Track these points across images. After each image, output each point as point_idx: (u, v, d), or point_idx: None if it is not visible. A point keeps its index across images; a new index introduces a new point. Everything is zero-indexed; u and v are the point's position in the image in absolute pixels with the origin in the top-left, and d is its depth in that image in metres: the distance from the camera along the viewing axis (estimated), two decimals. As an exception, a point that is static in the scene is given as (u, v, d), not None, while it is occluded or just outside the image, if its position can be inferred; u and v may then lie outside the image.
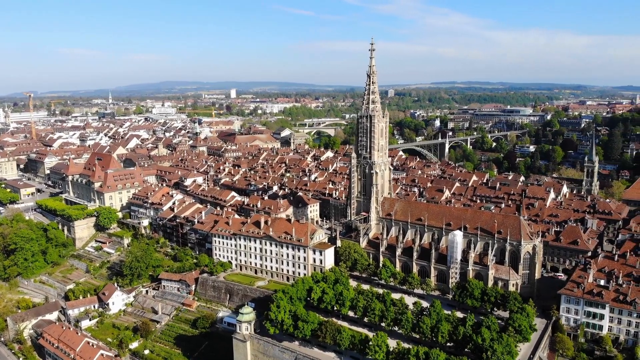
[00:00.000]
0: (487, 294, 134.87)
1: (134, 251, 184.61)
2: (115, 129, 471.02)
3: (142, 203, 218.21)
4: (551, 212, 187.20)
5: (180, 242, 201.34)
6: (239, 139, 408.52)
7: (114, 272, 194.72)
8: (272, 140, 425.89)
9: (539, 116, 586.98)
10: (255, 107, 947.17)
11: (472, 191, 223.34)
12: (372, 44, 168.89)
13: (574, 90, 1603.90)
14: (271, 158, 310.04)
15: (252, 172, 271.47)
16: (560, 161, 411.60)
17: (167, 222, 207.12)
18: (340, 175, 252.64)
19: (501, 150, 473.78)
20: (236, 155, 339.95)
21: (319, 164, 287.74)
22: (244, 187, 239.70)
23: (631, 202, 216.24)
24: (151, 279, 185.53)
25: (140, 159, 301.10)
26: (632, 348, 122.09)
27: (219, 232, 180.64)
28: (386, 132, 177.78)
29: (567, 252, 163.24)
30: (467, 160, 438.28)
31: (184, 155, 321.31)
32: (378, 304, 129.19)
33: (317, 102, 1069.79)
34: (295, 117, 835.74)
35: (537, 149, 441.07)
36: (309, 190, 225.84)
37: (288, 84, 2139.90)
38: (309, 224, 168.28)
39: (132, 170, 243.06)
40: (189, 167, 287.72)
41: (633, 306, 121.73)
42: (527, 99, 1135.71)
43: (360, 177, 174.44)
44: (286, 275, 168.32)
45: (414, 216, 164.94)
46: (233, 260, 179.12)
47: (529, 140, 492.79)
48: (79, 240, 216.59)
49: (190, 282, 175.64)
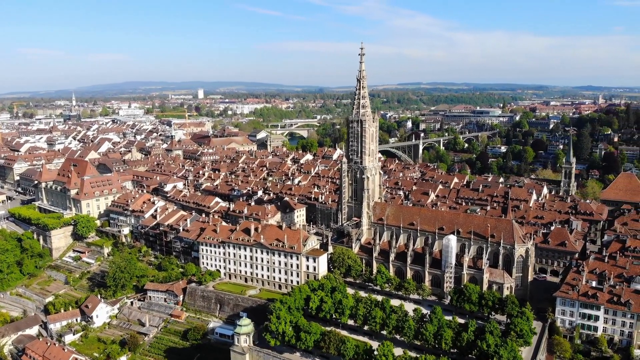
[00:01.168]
0: (484, 298, 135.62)
1: (117, 261, 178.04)
2: (84, 132, 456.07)
3: (122, 210, 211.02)
4: (536, 214, 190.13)
5: (164, 251, 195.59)
6: (215, 141, 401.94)
7: (95, 283, 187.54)
8: (249, 142, 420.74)
9: (508, 117, 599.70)
10: (225, 107, 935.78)
11: (455, 193, 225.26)
12: (362, 48, 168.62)
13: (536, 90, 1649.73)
14: (251, 161, 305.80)
15: (233, 176, 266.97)
16: (532, 161, 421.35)
17: (149, 230, 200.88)
18: (324, 178, 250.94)
19: (473, 151, 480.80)
20: (213, 158, 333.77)
21: (300, 167, 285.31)
22: (226, 193, 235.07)
23: (609, 202, 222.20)
24: (136, 290, 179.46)
25: (115, 164, 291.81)
26: (627, 348, 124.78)
27: (206, 240, 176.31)
28: (376, 137, 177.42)
29: (555, 253, 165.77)
30: (440, 161, 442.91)
31: (160, 160, 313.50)
32: (379, 312, 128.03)
33: (287, 103, 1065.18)
34: (267, 118, 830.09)
35: (509, 150, 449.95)
36: (294, 195, 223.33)
37: (255, 84, 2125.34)
38: (301, 231, 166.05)
39: (110, 177, 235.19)
40: (166, 171, 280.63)
41: (627, 307, 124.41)
42: (492, 99, 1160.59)
43: (351, 182, 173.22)
44: (278, 283, 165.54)
45: (406, 221, 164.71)
46: (222, 268, 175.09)
47: (499, 140, 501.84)
48: (56, 250, 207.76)
49: (178, 292, 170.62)
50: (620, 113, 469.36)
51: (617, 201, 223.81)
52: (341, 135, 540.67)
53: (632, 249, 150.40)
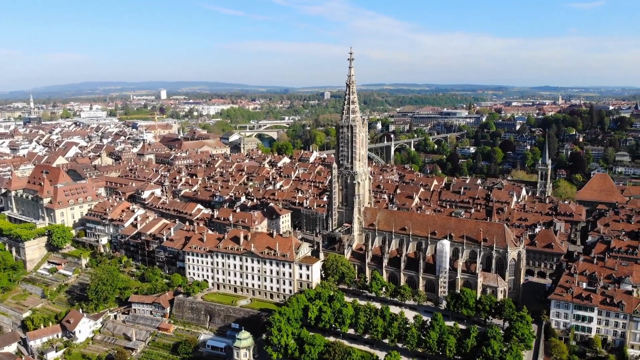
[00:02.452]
0: (481, 302, 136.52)
1: (99, 273, 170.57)
2: (47, 136, 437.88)
3: (99, 220, 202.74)
4: (520, 217, 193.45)
5: (146, 261, 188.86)
6: (186, 144, 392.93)
7: (75, 296, 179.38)
8: (221, 145, 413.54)
9: (475, 118, 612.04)
10: (190, 108, 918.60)
11: (437, 196, 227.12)
12: (351, 53, 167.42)
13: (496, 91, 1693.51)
14: (227, 166, 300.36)
15: (211, 181, 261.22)
16: (501, 162, 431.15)
17: (130, 240, 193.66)
18: (306, 182, 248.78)
19: (443, 152, 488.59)
20: (187, 162, 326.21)
21: (280, 170, 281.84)
22: (207, 199, 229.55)
23: (584, 203, 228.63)
24: (119, 303, 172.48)
25: (85, 170, 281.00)
26: (620, 348, 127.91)
27: (193, 250, 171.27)
28: (366, 142, 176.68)
29: (542, 255, 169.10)
30: (412, 162, 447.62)
31: (132, 165, 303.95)
32: (380, 321, 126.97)
33: (254, 104, 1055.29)
34: (235, 119, 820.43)
35: (478, 150, 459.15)
36: (278, 200, 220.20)
37: (219, 84, 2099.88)
38: (292, 238, 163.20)
39: (84, 184, 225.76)
40: (140, 177, 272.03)
41: (620, 308, 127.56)
42: (455, 100, 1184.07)
43: (341, 188, 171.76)
44: (270, 292, 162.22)
45: (398, 226, 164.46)
46: (209, 279, 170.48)
47: (468, 141, 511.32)
48: (30, 263, 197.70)
49: (164, 304, 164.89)
50: (584, 114, 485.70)
51: (592, 201, 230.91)
52: (312, 137, 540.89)
53: (617, 249, 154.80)
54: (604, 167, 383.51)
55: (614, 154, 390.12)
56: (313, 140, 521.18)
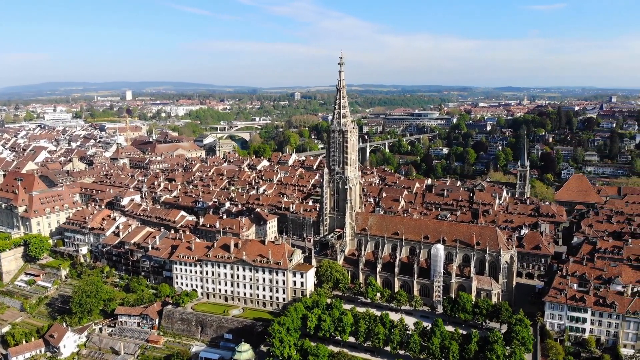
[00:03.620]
0: (478, 306, 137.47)
1: (83, 285, 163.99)
2: (13, 139, 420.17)
3: (79, 228, 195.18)
4: (505, 218, 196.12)
5: (130, 271, 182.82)
6: (160, 148, 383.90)
7: (56, 309, 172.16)
8: (196, 148, 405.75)
9: (446, 119, 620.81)
10: (157, 110, 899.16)
11: (421, 198, 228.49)
12: (342, 57, 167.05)
13: (461, 91, 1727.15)
14: (206, 170, 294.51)
15: (191, 186, 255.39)
16: (474, 162, 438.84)
17: (112, 249, 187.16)
18: (290, 186, 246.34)
19: (417, 153, 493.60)
20: (163, 167, 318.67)
21: (261, 174, 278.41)
22: (190, 205, 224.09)
23: (563, 203, 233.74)
24: (104, 315, 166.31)
25: (58, 176, 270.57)
26: (614, 347, 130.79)
27: (180, 259, 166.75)
28: (356, 146, 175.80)
29: (530, 257, 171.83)
30: (387, 163, 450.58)
31: (106, 170, 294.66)
32: (381, 328, 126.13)
33: (223, 104, 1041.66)
34: (205, 121, 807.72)
35: (451, 151, 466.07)
36: (263, 205, 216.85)
37: (185, 84, 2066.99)
38: (285, 245, 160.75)
39: (61, 191, 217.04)
40: (116, 183, 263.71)
41: (613, 308, 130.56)
42: (423, 101, 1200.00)
43: (332, 193, 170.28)
44: (262, 301, 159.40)
45: (390, 230, 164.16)
46: (198, 288, 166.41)
47: (441, 143, 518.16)
48: (7, 274, 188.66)
49: (153, 315, 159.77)
50: (552, 115, 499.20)
51: (570, 202, 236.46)
52: (286, 139, 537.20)
53: (603, 250, 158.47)
54: (574, 166, 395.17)
55: (583, 154, 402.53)
56: (287, 142, 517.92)
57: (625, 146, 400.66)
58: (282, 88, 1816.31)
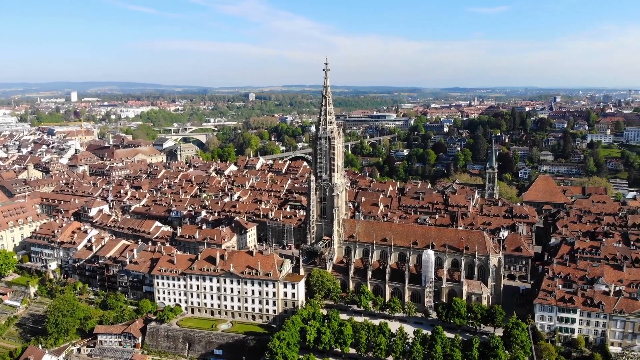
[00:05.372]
0: (472, 311, 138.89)
1: (58, 304, 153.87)
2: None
3: (47, 243, 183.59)
4: (484, 221, 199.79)
5: (106, 287, 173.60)
6: (119, 153, 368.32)
7: (28, 329, 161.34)
8: (156, 152, 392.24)
9: (403, 121, 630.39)
10: (107, 112, 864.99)
11: (397, 202, 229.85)
12: (327, 63, 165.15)
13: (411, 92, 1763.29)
14: (172, 176, 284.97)
15: (160, 194, 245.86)
16: (434, 163, 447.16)
17: (85, 264, 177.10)
18: (265, 192, 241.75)
19: (379, 154, 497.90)
20: (125, 173, 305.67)
21: (232, 180, 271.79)
22: (162, 215, 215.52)
23: (531, 204, 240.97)
24: (81, 334, 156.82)
25: (14, 186, 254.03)
26: (602, 346, 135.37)
27: (162, 273, 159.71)
28: (342, 153, 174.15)
29: (512, 259, 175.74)
30: (351, 165, 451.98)
31: (66, 178, 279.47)
32: (383, 339, 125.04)
33: (175, 105, 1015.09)
34: (157, 123, 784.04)
35: (412, 153, 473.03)
36: (240, 213, 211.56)
37: (131, 84, 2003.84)
38: (274, 255, 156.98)
39: (23, 203, 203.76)
40: (79, 192, 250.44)
41: (600, 308, 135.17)
42: (376, 102, 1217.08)
43: (319, 200, 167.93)
44: (252, 314, 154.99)
45: (379, 237, 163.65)
46: (182, 303, 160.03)
47: (401, 144, 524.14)
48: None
49: (135, 333, 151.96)
50: (506, 115, 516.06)
51: (538, 202, 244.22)
52: (246, 141, 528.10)
53: (581, 250, 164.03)
54: (530, 166, 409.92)
55: (539, 154, 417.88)
56: (247, 144, 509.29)
57: (577, 145, 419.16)
58: (233, 88, 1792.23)
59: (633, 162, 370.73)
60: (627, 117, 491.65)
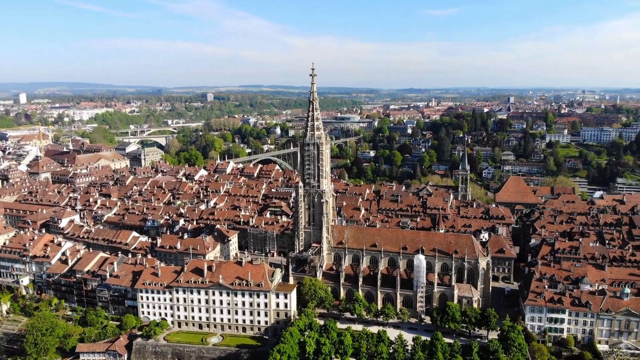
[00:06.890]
0: (467, 315, 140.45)
1: (36, 322, 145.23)
2: None
3: (17, 257, 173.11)
4: (464, 223, 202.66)
5: (84, 302, 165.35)
6: (80, 158, 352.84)
7: (2, 349, 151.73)
8: (119, 157, 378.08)
9: (367, 122, 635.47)
10: (59, 114, 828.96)
11: (376, 205, 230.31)
12: (313, 69, 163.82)
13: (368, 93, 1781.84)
14: (141, 183, 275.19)
15: (131, 202, 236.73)
16: (400, 164, 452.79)
17: (60, 279, 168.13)
18: (242, 198, 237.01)
19: (347, 156, 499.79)
20: (90, 180, 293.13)
21: (204, 186, 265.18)
22: (138, 224, 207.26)
23: (504, 204, 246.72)
24: (61, 353, 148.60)
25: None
26: (590, 344, 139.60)
27: (147, 286, 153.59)
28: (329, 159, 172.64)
29: (495, 260, 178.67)
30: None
31: (28, 186, 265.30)
32: (384, 347, 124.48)
33: (130, 107, 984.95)
34: (113, 125, 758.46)
35: (378, 154, 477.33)
36: (220, 220, 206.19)
37: (81, 84, 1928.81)
38: (265, 265, 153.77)
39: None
40: (44, 201, 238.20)
41: (588, 307, 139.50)
42: (336, 103, 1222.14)
43: (307, 207, 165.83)
44: (242, 326, 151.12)
45: (368, 242, 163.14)
46: (168, 317, 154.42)
47: (367, 146, 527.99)
48: None
49: (121, 351, 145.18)
50: (467, 117, 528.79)
51: (511, 203, 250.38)
52: (209, 143, 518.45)
53: (562, 250, 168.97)
54: (493, 165, 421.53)
55: (501, 154, 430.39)
56: (211, 147, 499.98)
57: (537, 145, 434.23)
58: (189, 88, 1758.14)
59: (591, 161, 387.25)
60: (582, 117, 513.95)
